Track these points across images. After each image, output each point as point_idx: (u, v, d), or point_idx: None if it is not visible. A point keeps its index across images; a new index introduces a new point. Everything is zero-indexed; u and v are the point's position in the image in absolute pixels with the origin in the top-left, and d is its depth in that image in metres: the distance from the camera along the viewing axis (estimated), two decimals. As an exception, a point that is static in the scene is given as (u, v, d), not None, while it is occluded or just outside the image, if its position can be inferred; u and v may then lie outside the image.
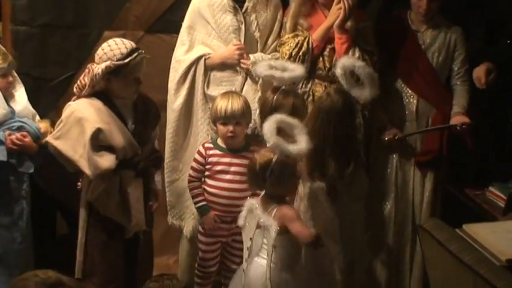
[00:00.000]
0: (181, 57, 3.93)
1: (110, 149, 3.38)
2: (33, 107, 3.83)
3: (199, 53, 3.90)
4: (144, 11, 4.18)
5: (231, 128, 3.66)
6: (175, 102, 3.93)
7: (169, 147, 3.98)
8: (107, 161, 3.35)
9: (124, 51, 3.37)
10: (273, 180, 3.16)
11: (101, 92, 3.43)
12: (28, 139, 3.61)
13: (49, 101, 4.15)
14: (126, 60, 3.35)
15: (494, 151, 4.17)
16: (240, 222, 3.30)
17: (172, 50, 3.99)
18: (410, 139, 3.97)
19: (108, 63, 3.34)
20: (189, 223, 4.01)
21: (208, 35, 3.93)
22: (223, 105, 3.64)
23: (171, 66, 3.97)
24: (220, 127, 3.69)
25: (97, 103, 3.41)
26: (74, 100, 3.47)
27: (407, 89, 3.96)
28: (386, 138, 3.90)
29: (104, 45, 3.43)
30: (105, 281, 3.48)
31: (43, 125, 3.74)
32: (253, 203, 3.25)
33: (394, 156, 3.98)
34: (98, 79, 3.35)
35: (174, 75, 3.94)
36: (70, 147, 3.37)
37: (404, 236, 4.00)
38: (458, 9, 4.04)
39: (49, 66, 4.17)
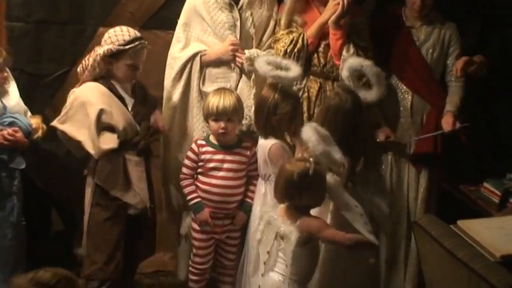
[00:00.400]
0: (177, 54, 3.92)
1: (111, 130, 3.53)
2: (28, 103, 3.84)
3: (195, 49, 3.89)
4: (139, 7, 4.19)
5: (222, 124, 3.65)
6: (171, 99, 3.92)
7: (164, 144, 3.97)
8: (109, 140, 3.51)
9: (127, 38, 3.58)
10: (311, 189, 3.08)
11: (103, 76, 3.60)
12: (19, 134, 3.63)
13: (44, 97, 4.17)
14: (127, 47, 3.56)
15: (490, 149, 4.16)
16: (258, 235, 3.26)
17: (168, 46, 3.98)
18: (404, 137, 3.96)
19: (110, 46, 3.56)
20: (185, 220, 4.00)
21: (204, 31, 3.92)
22: (215, 101, 3.64)
23: (167, 63, 3.96)
24: (212, 124, 3.68)
25: (99, 87, 3.59)
26: (78, 86, 3.62)
27: (402, 85, 3.95)
28: (378, 140, 3.89)
29: (111, 30, 3.64)
30: (108, 258, 3.57)
31: (34, 121, 3.76)
32: (271, 215, 3.20)
33: (388, 153, 3.98)
34: (98, 60, 3.55)
35: (170, 72, 3.93)
36: (76, 129, 3.53)
37: (399, 232, 3.99)
38: (454, 5, 4.04)
39: (44, 62, 4.18)
